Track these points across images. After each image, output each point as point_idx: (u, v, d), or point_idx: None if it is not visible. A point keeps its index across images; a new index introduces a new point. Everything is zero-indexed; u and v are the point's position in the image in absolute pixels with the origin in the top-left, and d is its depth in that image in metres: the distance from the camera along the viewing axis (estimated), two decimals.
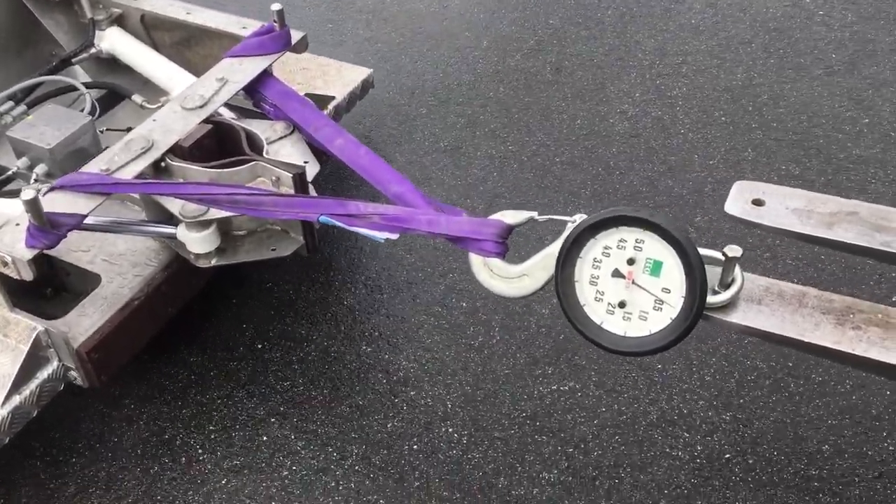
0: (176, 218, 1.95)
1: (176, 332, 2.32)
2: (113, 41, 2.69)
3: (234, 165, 2.01)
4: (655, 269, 1.51)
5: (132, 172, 1.94)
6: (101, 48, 2.69)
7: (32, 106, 2.51)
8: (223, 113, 2.24)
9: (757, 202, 1.64)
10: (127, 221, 2.08)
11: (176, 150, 2.03)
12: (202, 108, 2.10)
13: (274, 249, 2.04)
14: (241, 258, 2.03)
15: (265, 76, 2.24)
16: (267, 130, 2.14)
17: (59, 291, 2.23)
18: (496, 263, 1.68)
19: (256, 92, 2.23)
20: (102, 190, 1.88)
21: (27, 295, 2.05)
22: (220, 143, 2.11)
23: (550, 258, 1.59)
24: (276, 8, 2.24)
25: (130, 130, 2.09)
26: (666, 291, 1.50)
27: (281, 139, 2.13)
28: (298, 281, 2.58)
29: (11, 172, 2.21)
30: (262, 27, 2.33)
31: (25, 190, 1.72)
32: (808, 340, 1.50)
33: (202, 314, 2.46)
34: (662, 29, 3.48)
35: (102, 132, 2.39)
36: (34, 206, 1.73)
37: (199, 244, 1.97)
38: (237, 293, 2.54)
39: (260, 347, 2.39)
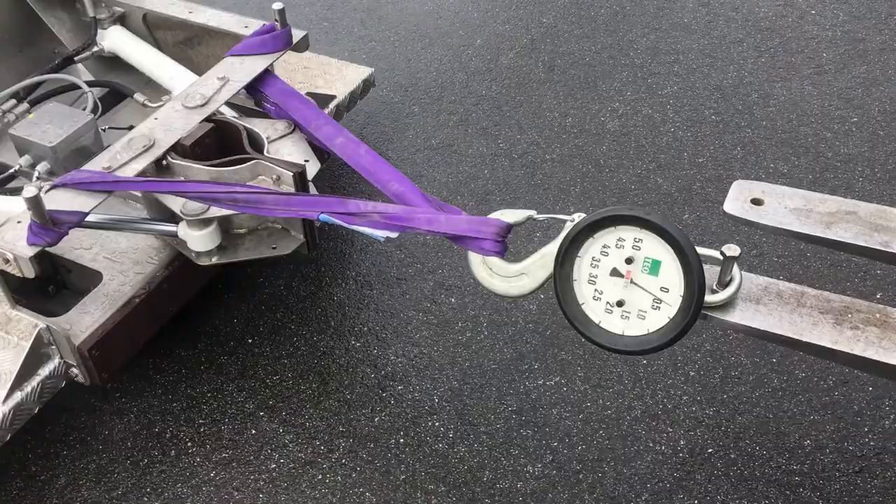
0: (177, 216, 1.94)
1: (167, 326, 2.31)
2: (115, 40, 2.68)
3: (235, 164, 2.00)
4: (654, 268, 1.51)
5: (134, 170, 1.93)
6: (103, 47, 2.69)
7: (35, 104, 2.51)
8: (224, 111, 2.24)
9: (756, 202, 1.63)
10: (128, 219, 2.07)
11: (177, 148, 2.02)
12: (203, 106, 2.10)
13: (274, 248, 2.03)
14: (241, 256, 2.02)
15: (266, 75, 2.23)
16: (268, 129, 2.14)
17: (60, 289, 2.22)
18: (495, 262, 1.68)
19: (257, 91, 2.22)
20: (104, 188, 1.87)
21: (29, 292, 2.05)
22: (221, 141, 2.10)
23: (549, 257, 1.59)
24: (277, 7, 2.23)
25: (132, 129, 2.08)
26: (664, 290, 1.51)
27: (282, 138, 2.13)
28: (289, 276, 2.57)
29: (14, 170, 2.21)
30: (263, 26, 2.32)
31: (27, 188, 1.72)
32: (806, 340, 1.49)
33: (193, 308, 2.43)
34: (655, 28, 3.47)
35: (104, 130, 2.38)
36: (36, 203, 1.72)
37: (200, 242, 1.97)
38: (228, 288, 2.53)
39: (250, 342, 2.39)
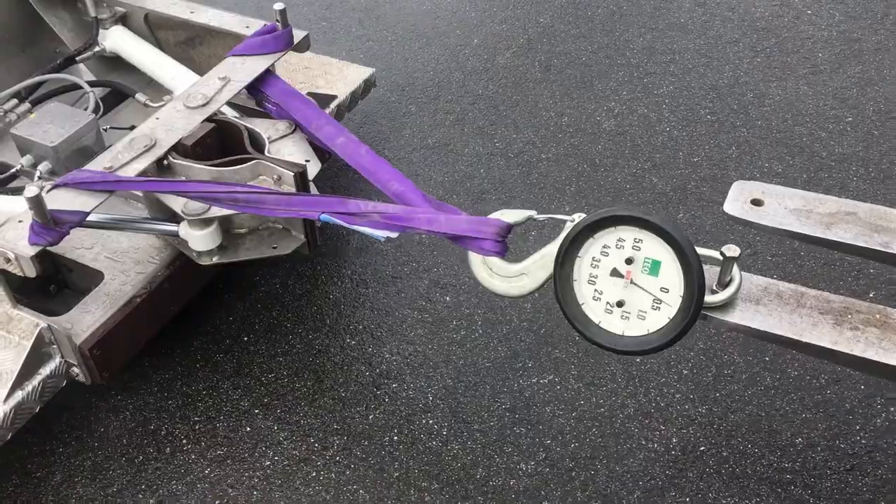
0: (178, 216, 1.93)
1: (168, 326, 2.27)
2: (116, 40, 2.67)
3: (236, 164, 1.98)
4: (654, 268, 1.50)
5: (135, 170, 1.92)
6: (104, 47, 2.67)
7: (36, 104, 2.50)
8: (226, 111, 2.23)
9: (755, 202, 1.63)
10: (130, 219, 2.06)
11: (178, 148, 2.01)
12: (205, 106, 2.09)
13: (275, 247, 2.02)
14: (242, 256, 2.01)
15: (268, 75, 2.22)
16: (269, 129, 2.13)
17: (61, 288, 2.20)
18: (495, 262, 1.67)
19: (259, 91, 2.21)
20: (105, 187, 1.87)
21: (30, 291, 2.04)
22: (222, 141, 2.09)
23: (549, 257, 1.59)
24: (278, 7, 2.22)
25: (133, 129, 2.07)
26: (664, 291, 1.50)
27: (283, 138, 2.11)
28: (285, 274, 2.55)
29: (15, 170, 2.21)
30: (264, 26, 2.30)
31: (29, 187, 1.71)
32: (805, 340, 1.48)
33: (190, 307, 2.40)
34: (652, 27, 3.46)
35: (106, 130, 2.37)
36: (38, 203, 1.71)
37: (200, 242, 1.96)
38: (225, 287, 2.51)
39: (246, 340, 2.38)
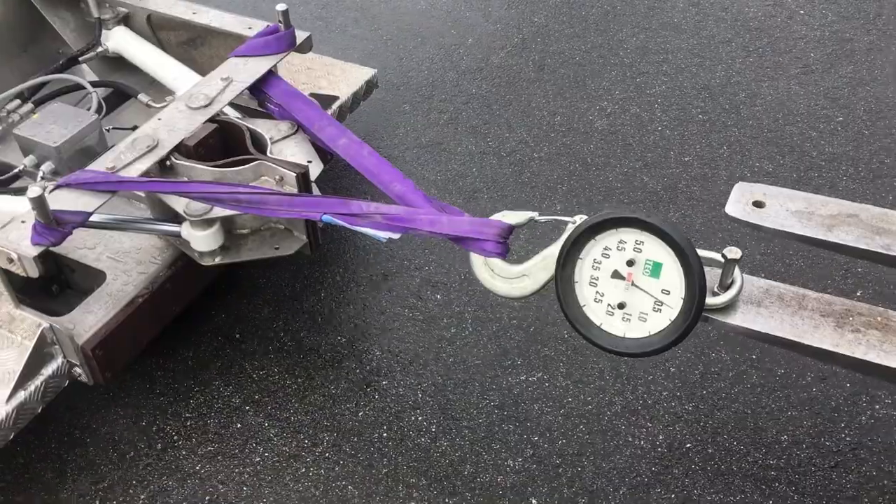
0: (180, 216, 1.91)
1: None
2: (119, 40, 2.64)
3: (238, 164, 1.96)
4: (655, 270, 1.49)
5: (137, 171, 1.90)
6: (107, 47, 2.64)
7: (39, 104, 2.47)
8: (228, 112, 2.20)
9: (757, 204, 1.60)
10: (132, 219, 2.03)
11: (181, 148, 1.98)
12: (207, 107, 2.06)
13: (277, 248, 1.99)
14: (244, 256, 1.98)
15: (270, 76, 2.19)
16: (271, 130, 2.10)
17: (64, 288, 2.17)
18: (497, 263, 1.66)
19: (261, 91, 2.18)
20: (108, 188, 1.84)
21: (33, 292, 2.01)
22: (224, 142, 2.06)
23: (550, 259, 1.57)
24: (281, 8, 2.19)
25: (136, 129, 2.05)
26: (665, 293, 1.49)
27: (285, 138, 2.09)
28: (278, 272, 2.53)
29: (18, 170, 2.19)
30: (267, 27, 2.28)
31: (31, 187, 1.68)
32: (806, 343, 1.46)
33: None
34: (645, 27, 3.44)
35: (108, 131, 2.35)
36: (40, 203, 1.69)
37: (203, 242, 1.94)
38: (217, 284, 2.48)
39: (237, 337, 2.35)
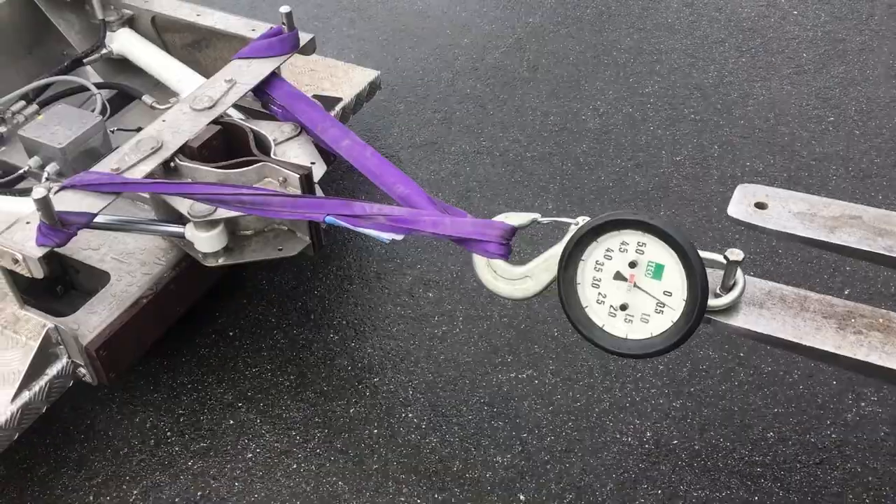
0: (184, 217, 1.89)
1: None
2: (123, 42, 2.62)
3: (241, 166, 1.94)
4: (657, 271, 1.47)
5: (142, 172, 1.88)
6: (111, 49, 2.62)
7: (44, 105, 2.46)
8: (232, 114, 2.17)
9: (760, 205, 1.59)
10: (136, 220, 2.02)
11: (185, 150, 1.96)
12: (211, 109, 2.05)
13: (280, 249, 1.97)
14: (247, 257, 1.96)
15: (273, 78, 2.17)
16: (275, 131, 2.08)
17: (68, 289, 2.15)
18: (499, 265, 1.64)
19: (265, 93, 2.16)
20: (112, 189, 1.82)
21: (38, 292, 2.00)
22: (228, 143, 2.04)
23: (553, 260, 1.55)
24: (284, 10, 2.17)
25: (140, 131, 2.03)
26: (667, 294, 1.47)
27: (288, 140, 2.08)
28: (271, 270, 2.51)
29: (23, 171, 2.16)
30: (270, 29, 2.26)
31: (36, 189, 1.67)
32: (808, 344, 1.45)
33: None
34: (639, 28, 3.43)
35: (113, 132, 2.33)
36: (45, 204, 1.67)
37: (206, 243, 1.92)
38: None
39: (231, 335, 2.33)
